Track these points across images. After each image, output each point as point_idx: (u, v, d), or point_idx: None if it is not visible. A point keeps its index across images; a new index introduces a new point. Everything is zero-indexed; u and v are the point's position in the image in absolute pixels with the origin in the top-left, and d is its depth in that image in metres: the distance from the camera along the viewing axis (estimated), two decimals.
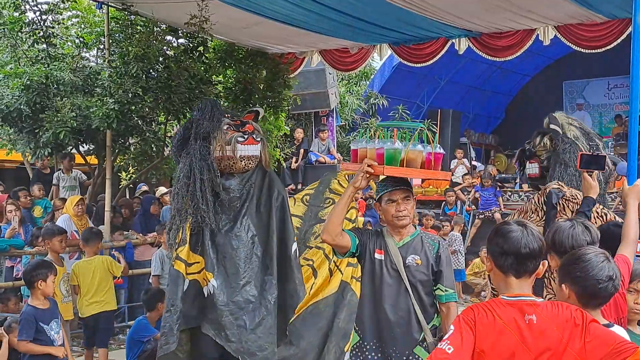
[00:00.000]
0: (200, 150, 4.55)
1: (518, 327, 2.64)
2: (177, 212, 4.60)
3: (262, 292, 4.66)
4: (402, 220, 3.96)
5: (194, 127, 4.61)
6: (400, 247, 4.01)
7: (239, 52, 9.95)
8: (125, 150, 10.16)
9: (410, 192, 4.03)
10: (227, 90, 9.80)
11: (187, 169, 4.55)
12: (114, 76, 8.40)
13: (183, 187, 4.56)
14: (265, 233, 4.71)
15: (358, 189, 3.93)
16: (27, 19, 9.39)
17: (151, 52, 8.19)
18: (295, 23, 9.11)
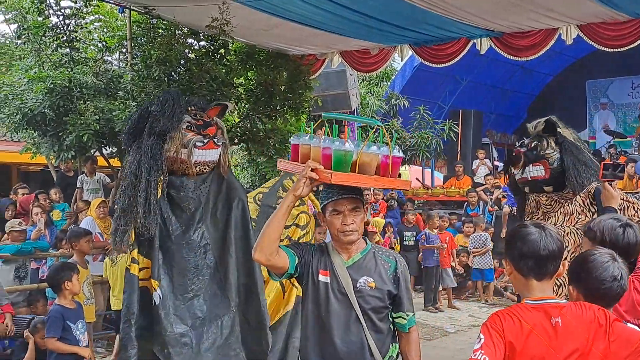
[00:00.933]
0: (152, 148, 4.14)
1: (545, 331, 2.63)
2: (123, 212, 4.17)
3: (212, 308, 4.21)
4: (349, 235, 3.31)
5: (149, 121, 4.20)
6: (349, 266, 3.35)
7: (259, 54, 9.97)
8: None
9: (360, 201, 3.37)
10: (248, 92, 9.82)
11: (135, 167, 4.16)
12: (137, 79, 8.46)
13: (129, 186, 4.17)
14: (220, 243, 4.30)
15: (299, 198, 3.18)
16: (51, 24, 9.49)
17: (173, 55, 8.24)
18: (316, 25, 9.12)
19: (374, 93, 17.57)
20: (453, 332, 9.67)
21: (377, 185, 3.70)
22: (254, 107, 9.81)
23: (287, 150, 11.00)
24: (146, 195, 4.08)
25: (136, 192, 4.10)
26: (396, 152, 3.44)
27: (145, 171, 4.11)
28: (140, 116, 4.27)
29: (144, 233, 4.11)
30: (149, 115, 4.22)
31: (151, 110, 4.23)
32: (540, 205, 5.40)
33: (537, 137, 5.47)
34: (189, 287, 4.20)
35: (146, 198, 4.07)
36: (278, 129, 10.33)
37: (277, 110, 9.88)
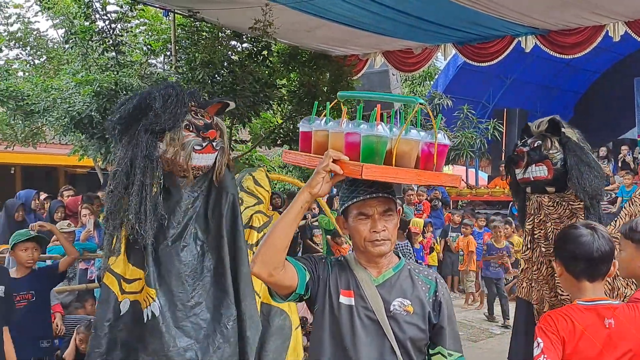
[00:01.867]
0: (148, 146, 3.71)
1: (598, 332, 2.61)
2: (111, 214, 3.73)
3: (216, 314, 3.81)
4: (380, 245, 2.60)
5: (149, 116, 3.74)
6: (379, 285, 2.65)
7: (302, 55, 10.01)
8: None
9: (393, 202, 2.66)
10: (290, 93, 9.86)
11: (127, 165, 3.70)
12: (181, 82, 8.54)
13: (120, 186, 3.70)
14: (216, 239, 3.91)
15: (316, 197, 2.48)
16: (97, 28, 9.64)
17: (216, 57, 8.31)
18: (358, 25, 9.11)
19: (417, 93, 17.50)
20: (499, 334, 9.57)
21: (419, 182, 2.71)
22: (296, 108, 9.85)
23: None
24: (140, 199, 3.66)
25: (128, 195, 3.67)
26: (442, 138, 2.69)
27: (140, 172, 3.68)
28: (137, 107, 3.79)
29: (138, 240, 3.68)
30: (148, 108, 3.75)
31: (151, 103, 3.76)
32: (542, 206, 5.26)
33: (541, 137, 5.28)
34: (190, 294, 3.78)
35: (140, 202, 3.65)
36: None
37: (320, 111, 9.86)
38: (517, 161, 5.28)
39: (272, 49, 9.31)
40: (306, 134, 2.89)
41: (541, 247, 5.47)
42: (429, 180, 2.72)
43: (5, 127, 11.21)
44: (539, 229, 5.38)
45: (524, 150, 5.29)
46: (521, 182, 5.42)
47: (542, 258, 5.51)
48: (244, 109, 8.53)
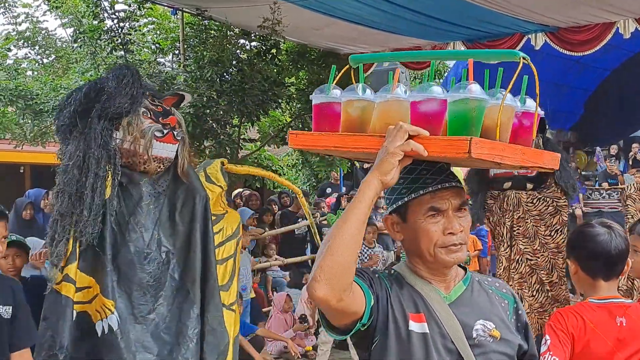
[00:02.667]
0: (103, 134, 3.30)
1: (609, 330, 2.59)
2: (61, 216, 3.24)
3: (180, 327, 3.40)
4: (457, 252, 2.00)
5: (102, 101, 3.31)
6: (452, 304, 2.04)
7: (311, 53, 9.99)
8: (201, 153, 10.31)
9: (464, 192, 2.07)
10: (299, 92, 9.84)
11: (79, 158, 3.27)
12: (189, 80, 8.54)
13: (70, 182, 3.26)
14: (184, 248, 3.49)
15: (387, 186, 1.85)
16: (106, 27, 9.64)
17: (225, 56, 8.31)
18: (367, 23, 9.07)
19: None
20: None
21: (523, 162, 1.97)
22: (305, 107, 9.82)
23: None
24: (92, 193, 3.24)
25: (81, 190, 3.24)
26: (531, 104, 2.07)
27: (95, 164, 3.26)
28: (88, 94, 3.35)
29: (91, 244, 3.26)
30: (99, 93, 3.34)
31: (103, 87, 3.36)
32: (521, 203, 5.34)
33: None
34: (151, 305, 3.35)
35: (92, 198, 3.24)
36: None
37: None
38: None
39: (280, 47, 9.29)
40: (326, 108, 2.08)
41: (519, 244, 5.45)
42: (532, 160, 2.02)
43: (15, 127, 11.23)
44: (517, 226, 5.42)
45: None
46: (499, 177, 5.43)
47: (520, 256, 5.47)
48: (252, 107, 8.52)
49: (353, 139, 1.96)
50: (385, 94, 1.96)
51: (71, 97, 3.40)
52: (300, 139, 2.12)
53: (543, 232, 5.42)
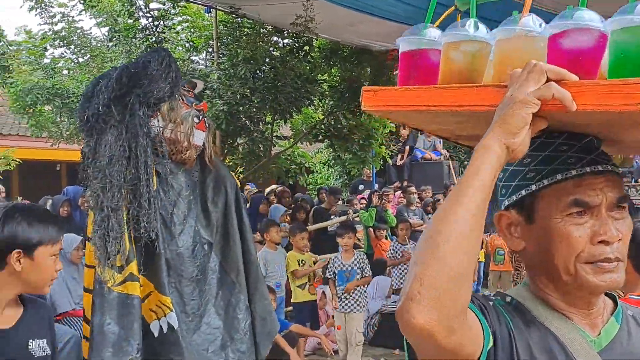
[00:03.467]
0: (146, 122, 3.08)
1: None
2: (114, 211, 2.99)
3: (228, 319, 3.25)
4: (612, 272, 1.29)
5: (142, 86, 3.07)
6: (603, 351, 1.33)
7: (343, 50, 9.98)
8: (234, 151, 10.36)
9: (622, 182, 1.39)
10: (332, 89, 9.84)
11: (123, 148, 3.02)
12: (223, 78, 8.59)
13: (119, 174, 3.01)
14: (222, 238, 3.34)
15: (514, 157, 1.20)
16: (140, 26, 9.73)
17: (258, 53, 8.34)
18: (400, 19, 9.02)
19: None
20: None
21: None
22: (338, 104, 9.83)
23: (372, 147, 10.99)
24: (147, 185, 3.04)
25: (133, 182, 3.03)
26: None
27: (143, 152, 3.03)
28: (119, 81, 3.07)
29: (148, 236, 3.05)
30: (134, 78, 3.09)
31: (139, 71, 3.10)
32: None
33: None
34: (200, 300, 3.20)
35: (147, 190, 3.04)
36: (362, 125, 10.32)
37: (361, 106, 9.83)
38: None
39: (313, 44, 9.30)
40: (419, 56, 1.51)
41: None
42: None
43: (51, 125, 11.38)
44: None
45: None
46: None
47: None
48: (285, 104, 8.55)
49: (457, 93, 1.34)
50: (509, 27, 1.38)
51: (99, 84, 3.13)
52: (379, 97, 1.47)
53: None
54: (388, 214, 10.91)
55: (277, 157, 11.11)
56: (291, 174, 12.43)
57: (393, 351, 8.08)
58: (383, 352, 8.04)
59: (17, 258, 2.24)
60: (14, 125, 16.97)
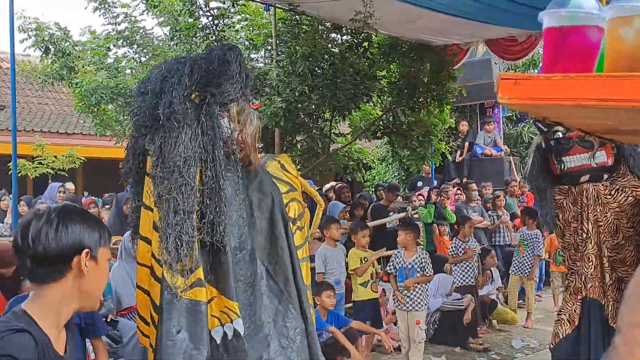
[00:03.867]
0: (221, 123, 3.05)
1: None
2: (188, 214, 2.93)
3: (277, 327, 3.19)
4: None
5: (219, 85, 3.03)
6: None
7: (402, 46, 9.91)
8: (293, 148, 10.41)
9: None
10: (391, 85, 9.79)
11: (200, 149, 2.99)
12: (282, 76, 8.63)
13: (195, 176, 2.96)
14: (269, 244, 3.24)
15: None
16: (201, 24, 9.86)
17: (317, 50, 8.35)
18: (461, 14, 8.93)
19: None
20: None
21: None
22: (397, 100, 9.77)
23: (431, 143, 10.89)
24: (221, 189, 3.00)
25: (211, 185, 3.00)
26: None
27: (220, 157, 3.00)
28: (192, 75, 3.02)
29: (219, 241, 3.01)
30: (215, 75, 3.04)
31: (220, 69, 3.05)
32: (600, 196, 4.87)
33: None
34: (257, 308, 3.12)
35: (226, 191, 3.02)
36: (422, 121, 10.25)
37: (420, 102, 9.79)
38: (570, 147, 4.88)
39: (372, 40, 9.27)
40: (574, 34, 1.23)
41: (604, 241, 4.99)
42: None
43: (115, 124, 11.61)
44: (600, 221, 4.94)
45: (581, 134, 4.76)
46: (574, 171, 4.94)
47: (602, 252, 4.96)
48: (344, 101, 8.54)
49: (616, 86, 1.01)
50: None
51: (166, 80, 3.04)
52: (522, 88, 1.20)
53: (625, 225, 4.95)
54: (447, 210, 10.80)
55: (335, 153, 11.12)
56: (349, 171, 12.42)
57: (454, 349, 8.02)
58: (444, 349, 7.98)
59: (86, 260, 2.06)
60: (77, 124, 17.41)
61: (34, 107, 18.17)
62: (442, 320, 8.29)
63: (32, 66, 14.85)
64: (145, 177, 3.18)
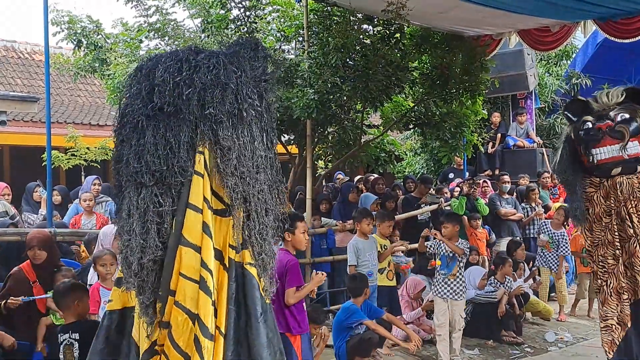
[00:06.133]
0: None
1: None
2: (275, 214, 3.25)
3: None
4: None
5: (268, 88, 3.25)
6: None
7: (434, 37, 9.83)
8: (324, 139, 10.39)
9: None
10: (423, 76, 9.72)
11: (270, 155, 3.23)
12: (314, 67, 8.61)
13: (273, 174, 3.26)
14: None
15: None
16: (232, 16, 9.85)
17: (349, 41, 8.30)
18: (493, 4, 8.84)
19: (553, 73, 16.82)
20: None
21: None
22: (429, 91, 9.71)
23: (464, 134, 10.80)
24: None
25: (278, 185, 3.33)
26: None
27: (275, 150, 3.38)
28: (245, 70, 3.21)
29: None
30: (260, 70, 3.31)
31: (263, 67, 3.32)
32: (635, 188, 4.70)
33: (627, 109, 4.72)
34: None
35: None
36: (454, 112, 10.17)
37: (452, 94, 9.71)
38: (600, 138, 4.72)
39: (404, 31, 9.20)
40: None
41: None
42: None
43: None
44: (637, 214, 4.79)
45: (611, 125, 4.71)
46: (605, 162, 4.76)
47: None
48: (376, 93, 8.50)
49: None
50: None
51: (234, 73, 3.10)
52: None
53: None
54: (479, 202, 10.73)
55: (367, 145, 11.07)
56: (380, 162, 12.37)
57: (487, 341, 7.97)
58: (477, 342, 7.95)
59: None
60: (110, 116, 17.53)
61: (67, 100, 18.33)
62: (474, 312, 8.25)
63: (65, 59, 15.00)
64: (193, 176, 3.10)
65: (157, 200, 3.07)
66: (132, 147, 3.10)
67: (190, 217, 3.07)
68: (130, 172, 3.09)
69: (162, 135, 3.07)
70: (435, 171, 13.85)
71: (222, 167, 3.07)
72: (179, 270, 3.06)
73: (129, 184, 3.11)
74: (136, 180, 3.07)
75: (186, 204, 3.07)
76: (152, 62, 3.18)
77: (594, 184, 4.92)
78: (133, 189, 3.09)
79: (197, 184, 3.08)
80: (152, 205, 3.06)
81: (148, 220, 3.05)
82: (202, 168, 3.09)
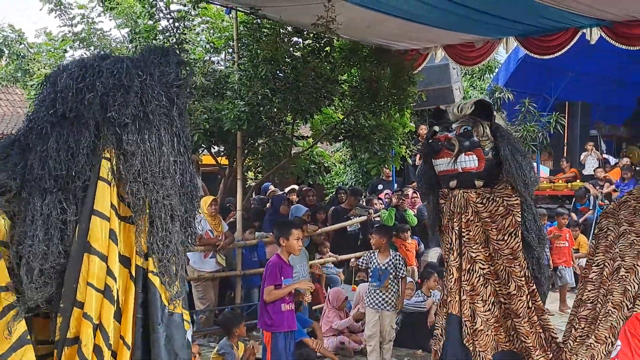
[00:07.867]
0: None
1: None
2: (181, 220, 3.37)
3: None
4: None
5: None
6: None
7: (363, 50, 9.98)
8: (255, 151, 10.40)
9: None
10: (352, 89, 9.84)
11: (182, 159, 3.32)
12: (244, 79, 8.62)
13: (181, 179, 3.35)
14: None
15: None
16: (161, 27, 9.77)
17: (279, 54, 8.35)
18: (420, 20, 9.04)
19: (477, 87, 17.28)
20: None
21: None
22: (358, 104, 9.83)
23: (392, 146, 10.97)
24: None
25: (190, 188, 3.45)
26: None
27: (190, 154, 3.52)
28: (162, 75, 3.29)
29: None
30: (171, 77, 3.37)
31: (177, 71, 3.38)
32: (469, 203, 4.60)
33: (470, 121, 4.64)
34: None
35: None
36: (382, 125, 10.34)
37: (381, 106, 9.86)
38: (438, 150, 4.64)
39: (334, 44, 9.31)
40: None
41: (470, 251, 4.70)
42: None
43: None
44: (467, 230, 4.68)
45: (449, 137, 4.62)
46: (443, 174, 4.69)
47: (471, 265, 4.69)
48: (306, 105, 8.56)
49: None
50: None
51: (143, 76, 3.15)
52: None
53: (495, 237, 4.64)
54: (408, 213, 10.90)
55: (297, 157, 11.13)
56: (310, 174, 12.44)
57: (416, 351, 8.07)
58: (406, 352, 8.04)
59: None
60: None
61: None
62: (404, 322, 8.35)
63: None
64: (97, 183, 3.07)
65: (61, 207, 3.05)
66: (37, 153, 3.09)
67: (96, 224, 3.04)
68: (34, 177, 3.07)
69: (64, 140, 3.08)
70: (364, 182, 14.01)
71: (124, 172, 3.09)
72: (86, 280, 3.01)
73: (32, 190, 3.07)
74: (40, 186, 3.05)
75: (91, 210, 3.05)
76: (59, 70, 3.20)
77: (444, 195, 4.84)
78: (37, 195, 3.05)
79: (102, 191, 3.07)
80: (56, 211, 3.04)
81: (52, 226, 3.02)
82: (108, 174, 3.08)
